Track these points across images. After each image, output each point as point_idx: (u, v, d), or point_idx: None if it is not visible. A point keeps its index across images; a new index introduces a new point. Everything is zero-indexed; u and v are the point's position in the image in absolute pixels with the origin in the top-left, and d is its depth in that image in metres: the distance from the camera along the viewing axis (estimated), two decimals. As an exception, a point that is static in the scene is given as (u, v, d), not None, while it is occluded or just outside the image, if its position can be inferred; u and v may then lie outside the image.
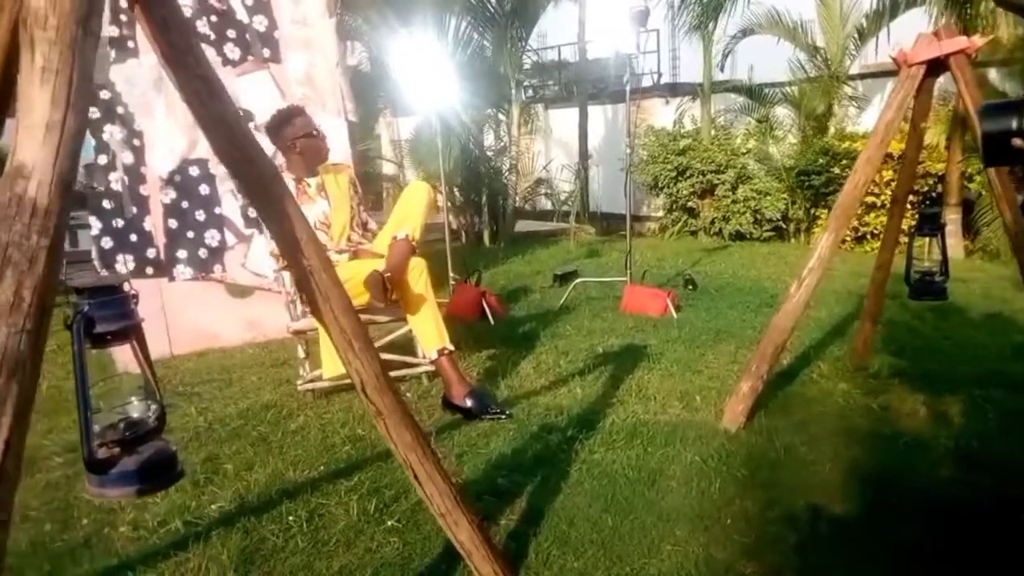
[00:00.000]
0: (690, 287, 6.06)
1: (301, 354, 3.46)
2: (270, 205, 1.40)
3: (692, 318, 5.00)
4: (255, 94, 4.75)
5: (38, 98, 0.99)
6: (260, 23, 4.75)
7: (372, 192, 10.82)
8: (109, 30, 4.34)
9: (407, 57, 5.84)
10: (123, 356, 1.38)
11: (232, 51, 4.69)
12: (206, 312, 4.49)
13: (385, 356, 3.63)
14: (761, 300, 5.57)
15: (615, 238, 9.70)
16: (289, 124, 3.43)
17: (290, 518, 2.24)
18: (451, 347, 3.16)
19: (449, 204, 10.06)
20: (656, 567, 1.99)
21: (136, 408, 1.26)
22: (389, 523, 2.20)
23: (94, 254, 4.26)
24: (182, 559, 2.02)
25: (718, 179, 9.75)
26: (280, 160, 3.56)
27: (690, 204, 10.14)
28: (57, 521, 2.26)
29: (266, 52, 4.78)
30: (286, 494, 2.41)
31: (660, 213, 10.91)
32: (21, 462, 0.93)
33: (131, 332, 1.21)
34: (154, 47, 1.28)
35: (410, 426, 1.64)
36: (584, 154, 11.83)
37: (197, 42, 1.31)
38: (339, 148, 4.90)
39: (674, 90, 12.47)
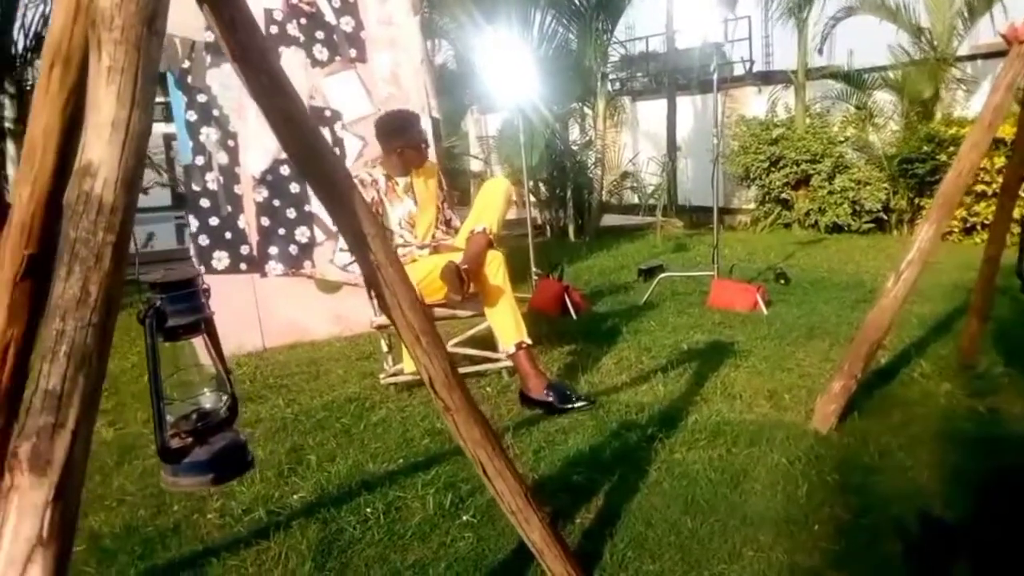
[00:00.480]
0: (782, 281, 5.83)
1: (384, 348, 3.52)
2: (337, 200, 1.40)
3: (783, 314, 4.81)
4: (343, 94, 4.86)
5: (104, 97, 1.02)
6: (347, 24, 4.85)
7: (458, 188, 10.92)
8: (206, 35, 4.52)
9: (492, 53, 5.87)
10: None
11: (320, 52, 4.80)
12: (297, 307, 4.63)
13: (465, 351, 3.66)
14: (859, 295, 5.31)
15: (704, 231, 9.46)
16: (405, 132, 3.47)
17: (368, 510, 2.26)
18: (529, 341, 3.13)
19: (533, 199, 10.05)
20: (737, 573, 1.91)
21: (208, 399, 1.29)
22: (464, 518, 2.19)
23: (192, 251, 4.45)
24: (264, 547, 2.07)
25: (813, 169, 9.38)
26: (370, 154, 3.59)
27: (783, 195, 9.80)
28: (150, 506, 2.36)
29: (353, 52, 4.87)
30: (365, 486, 2.44)
31: (752, 205, 10.59)
32: (89, 450, 0.96)
33: (202, 325, 1.24)
34: (222, 45, 1.30)
35: (479, 422, 1.63)
36: (672, 146, 11.60)
37: (263, 39, 1.33)
38: (424, 145, 4.98)
39: (767, 78, 12.05)
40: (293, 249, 4.67)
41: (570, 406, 3.04)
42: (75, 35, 1.19)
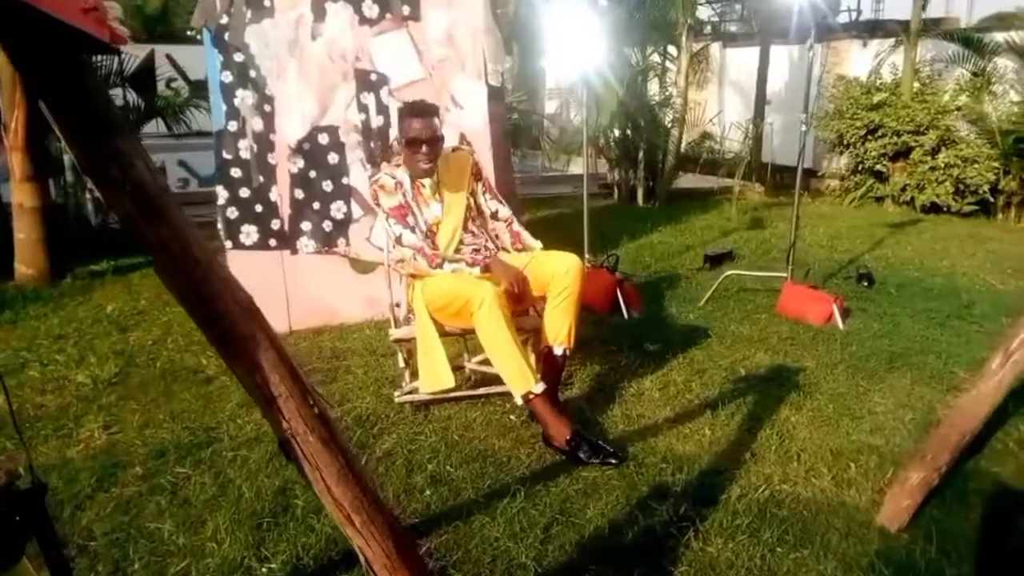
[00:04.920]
0: (864, 283, 5.25)
1: (401, 363, 3.20)
2: (234, 353, 1.05)
3: (862, 330, 4.28)
4: (391, 55, 4.45)
5: None
6: (401, -24, 4.40)
7: (530, 138, 10.39)
8: (246, -12, 4.16)
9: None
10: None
11: (370, 8, 4.38)
12: (327, 288, 4.35)
13: (489, 369, 3.33)
14: (952, 309, 4.73)
15: (786, 199, 8.75)
16: (406, 121, 3.01)
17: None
18: (537, 390, 2.74)
19: (603, 158, 9.48)
20: None
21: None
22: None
23: (219, 224, 4.19)
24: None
25: (916, 141, 8.54)
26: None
27: (879, 167, 8.98)
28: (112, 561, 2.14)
29: (406, 9, 4.42)
30: (344, 561, 2.15)
31: (843, 173, 9.76)
32: None
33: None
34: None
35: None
36: (761, 99, 10.76)
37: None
38: (477, 112, 4.55)
39: (874, 29, 11.00)
40: (327, 225, 4.37)
41: (596, 461, 2.68)
42: None
